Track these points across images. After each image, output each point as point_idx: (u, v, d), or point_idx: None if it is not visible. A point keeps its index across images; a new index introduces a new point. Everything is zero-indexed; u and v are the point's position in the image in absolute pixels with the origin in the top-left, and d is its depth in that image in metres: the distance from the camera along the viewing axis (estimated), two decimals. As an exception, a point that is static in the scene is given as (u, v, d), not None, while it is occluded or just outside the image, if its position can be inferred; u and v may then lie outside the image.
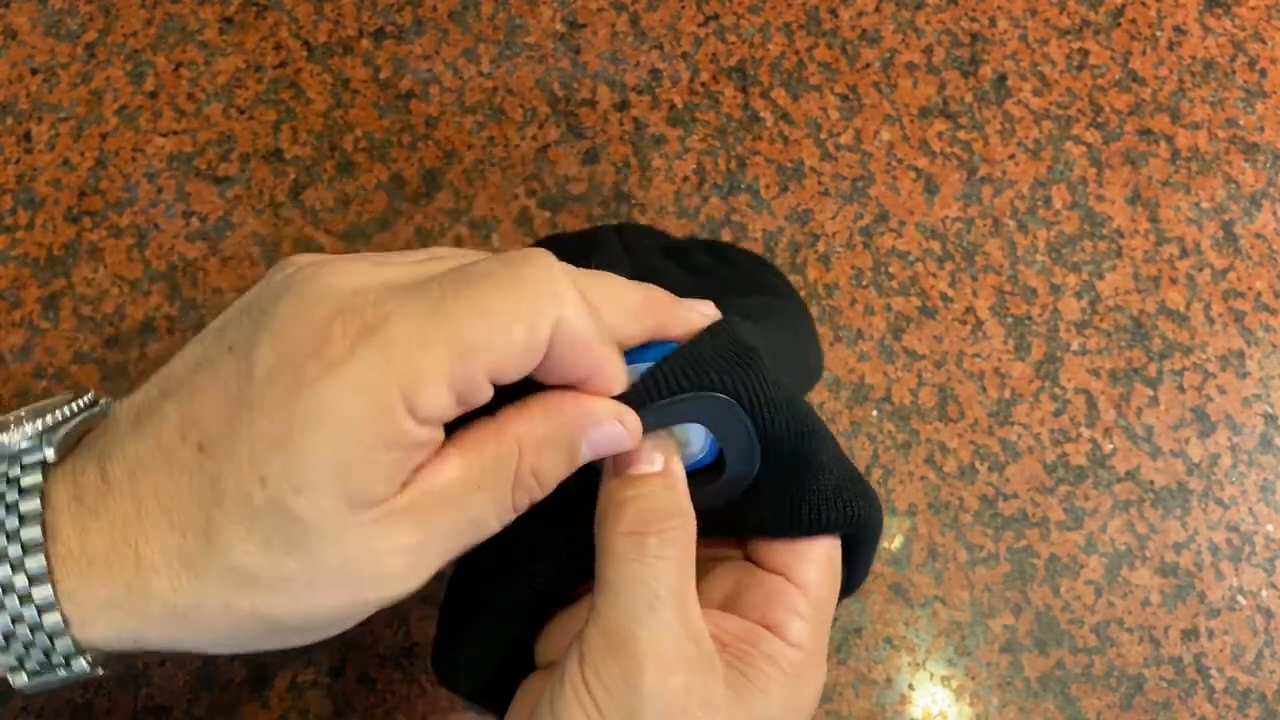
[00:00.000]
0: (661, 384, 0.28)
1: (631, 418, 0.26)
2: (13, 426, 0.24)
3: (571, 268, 0.25)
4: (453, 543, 0.25)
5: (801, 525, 0.30)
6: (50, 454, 0.24)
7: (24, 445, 0.24)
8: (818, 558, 0.30)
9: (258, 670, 0.47)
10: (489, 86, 0.57)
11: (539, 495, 0.26)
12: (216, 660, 0.48)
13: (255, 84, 0.57)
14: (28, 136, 0.56)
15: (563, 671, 0.27)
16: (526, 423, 0.25)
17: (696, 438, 0.30)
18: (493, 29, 0.58)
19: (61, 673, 0.24)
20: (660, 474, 0.27)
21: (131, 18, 0.58)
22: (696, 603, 0.27)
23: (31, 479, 0.23)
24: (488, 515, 0.25)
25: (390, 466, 0.23)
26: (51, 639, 0.23)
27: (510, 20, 0.58)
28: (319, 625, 0.24)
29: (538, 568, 0.31)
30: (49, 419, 0.25)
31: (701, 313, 0.28)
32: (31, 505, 0.23)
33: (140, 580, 0.23)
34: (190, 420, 0.23)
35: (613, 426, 0.26)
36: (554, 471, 0.26)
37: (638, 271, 0.34)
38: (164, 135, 0.56)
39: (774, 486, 0.31)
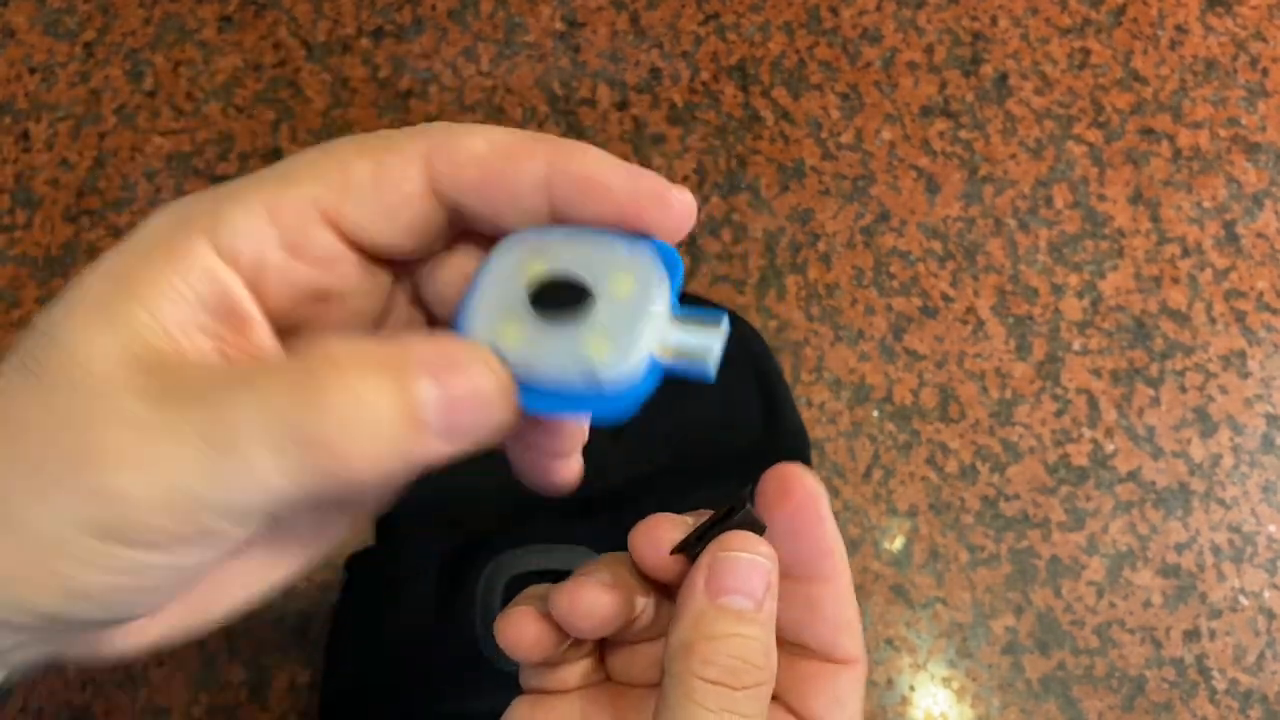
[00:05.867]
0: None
1: (492, 366, 0.19)
2: None
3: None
4: (191, 460, 0.17)
5: None
6: None
7: None
8: (858, 712, 0.27)
9: (257, 672, 0.47)
10: (488, 85, 0.57)
11: (365, 448, 0.17)
12: (216, 661, 0.47)
13: (254, 83, 0.57)
14: (26, 136, 0.55)
15: None
16: (349, 339, 0.18)
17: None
18: (492, 28, 0.58)
19: None
20: (758, 614, 0.23)
21: (130, 16, 0.58)
22: None
23: None
24: (251, 436, 0.17)
25: (161, 289, 0.18)
26: None
27: (510, 19, 0.58)
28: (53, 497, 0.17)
29: None
30: None
31: (650, 175, 0.20)
32: None
33: None
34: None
35: (477, 373, 0.18)
36: (379, 405, 0.17)
37: None
38: (162, 134, 0.56)
39: None
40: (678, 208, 0.20)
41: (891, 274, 0.54)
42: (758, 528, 0.25)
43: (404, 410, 0.17)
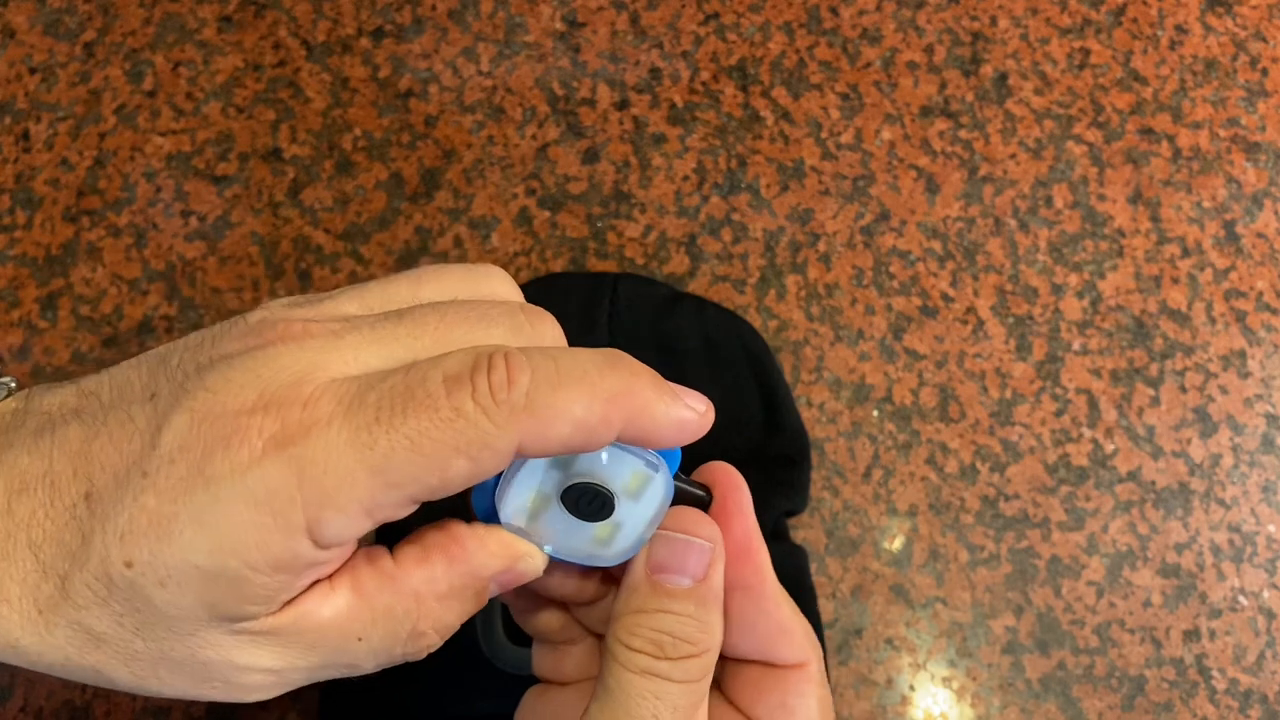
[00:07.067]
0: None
1: (539, 557, 0.25)
2: None
3: (536, 354, 0.22)
4: (319, 676, 0.24)
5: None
6: None
7: None
8: (812, 713, 0.26)
9: (257, 671, 0.47)
10: (488, 85, 0.57)
11: (437, 645, 0.24)
12: (215, 661, 0.47)
13: (254, 83, 0.57)
14: (26, 136, 0.55)
15: None
16: (427, 577, 0.23)
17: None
18: (492, 28, 0.58)
19: None
20: (694, 591, 0.24)
21: (130, 16, 0.58)
22: None
23: None
24: (365, 663, 0.24)
25: (271, 588, 0.21)
26: None
27: (510, 19, 0.58)
28: (160, 696, 0.23)
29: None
30: None
31: (690, 407, 0.24)
32: None
33: None
34: (87, 458, 0.22)
35: (526, 565, 0.25)
36: (458, 621, 0.24)
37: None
38: (162, 134, 0.56)
39: None
40: (703, 433, 0.24)
41: (891, 274, 0.54)
42: (698, 501, 0.26)
43: (479, 606, 0.24)
